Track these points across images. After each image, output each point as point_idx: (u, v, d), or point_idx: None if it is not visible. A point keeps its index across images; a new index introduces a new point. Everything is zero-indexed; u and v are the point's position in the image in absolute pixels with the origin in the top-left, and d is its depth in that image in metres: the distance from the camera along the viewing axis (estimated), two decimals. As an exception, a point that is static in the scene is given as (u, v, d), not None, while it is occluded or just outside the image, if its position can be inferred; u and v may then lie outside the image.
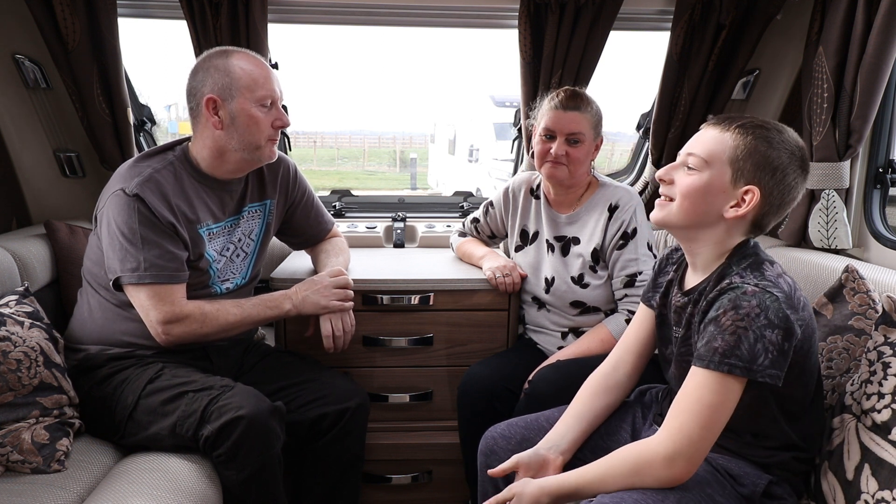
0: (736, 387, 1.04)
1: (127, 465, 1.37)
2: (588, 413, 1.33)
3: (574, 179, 1.71)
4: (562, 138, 1.66)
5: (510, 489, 1.18)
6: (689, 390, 1.06)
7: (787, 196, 1.12)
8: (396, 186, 16.43)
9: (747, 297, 1.03)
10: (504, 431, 1.37)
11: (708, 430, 1.03)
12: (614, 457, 1.11)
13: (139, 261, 1.43)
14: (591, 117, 1.67)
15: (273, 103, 1.54)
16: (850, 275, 1.41)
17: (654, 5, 2.13)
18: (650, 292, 1.37)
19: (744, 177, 1.10)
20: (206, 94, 1.50)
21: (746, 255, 1.14)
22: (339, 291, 1.65)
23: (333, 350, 1.64)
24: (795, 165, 1.11)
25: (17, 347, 1.37)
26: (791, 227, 1.86)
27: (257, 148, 1.54)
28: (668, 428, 1.06)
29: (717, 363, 1.03)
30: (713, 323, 1.06)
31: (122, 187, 1.45)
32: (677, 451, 1.03)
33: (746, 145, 1.10)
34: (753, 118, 1.13)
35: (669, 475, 1.04)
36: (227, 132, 1.52)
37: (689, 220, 1.15)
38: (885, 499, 1.07)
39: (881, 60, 1.59)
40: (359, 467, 1.67)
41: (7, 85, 1.95)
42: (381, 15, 2.16)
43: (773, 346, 1.02)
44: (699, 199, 1.13)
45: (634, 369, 1.37)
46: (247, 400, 1.35)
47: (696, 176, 1.13)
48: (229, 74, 1.49)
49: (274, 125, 1.55)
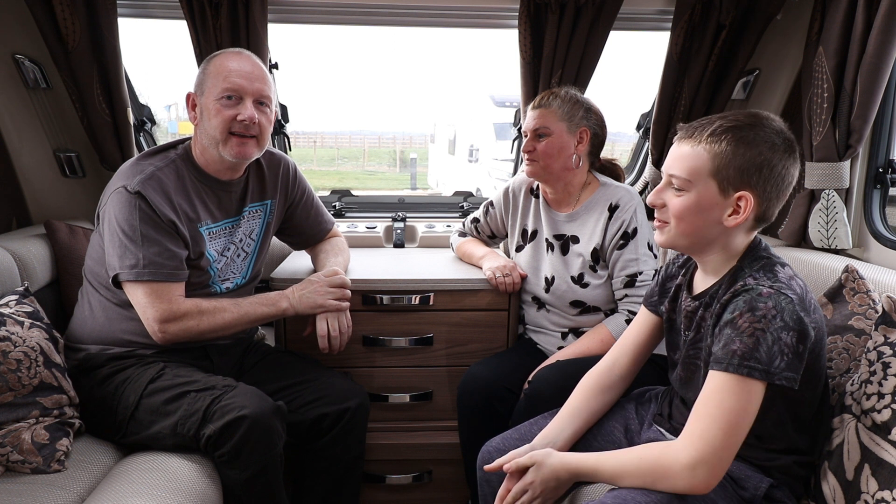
0: (757, 390, 1.01)
1: (127, 464, 1.37)
2: (584, 411, 1.33)
3: (552, 174, 1.72)
4: (530, 135, 1.71)
5: (531, 456, 1.18)
6: (709, 395, 1.03)
7: (781, 184, 1.09)
8: (396, 186, 16.42)
9: (763, 299, 1.02)
10: (499, 445, 1.37)
11: (730, 436, 1.00)
12: (634, 453, 1.10)
13: (138, 258, 1.43)
14: (557, 109, 1.69)
15: (240, 98, 1.49)
16: (850, 275, 1.41)
17: (654, 5, 2.13)
18: (656, 297, 1.36)
19: (731, 184, 1.08)
20: (189, 91, 1.54)
21: (758, 256, 1.13)
22: (337, 291, 1.65)
23: (329, 351, 1.64)
24: (780, 153, 1.08)
25: (17, 347, 1.37)
26: (791, 227, 1.86)
27: (218, 143, 1.51)
28: (689, 434, 1.03)
29: (737, 366, 1.01)
30: (730, 325, 1.04)
31: (124, 184, 1.45)
32: (699, 458, 1.00)
33: (723, 153, 1.07)
34: (723, 119, 1.10)
35: (689, 484, 1.01)
36: (200, 127, 1.54)
37: (690, 238, 1.14)
38: (885, 499, 1.06)
39: (881, 60, 1.59)
40: (359, 467, 1.67)
41: (7, 85, 1.95)
42: (381, 15, 2.16)
43: (788, 349, 1.00)
44: (693, 217, 1.11)
45: (629, 371, 1.37)
46: (249, 400, 1.35)
47: (683, 196, 1.11)
48: (206, 70, 1.52)
49: (237, 118, 1.48)
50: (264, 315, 1.59)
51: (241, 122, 1.49)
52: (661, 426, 1.31)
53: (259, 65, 1.55)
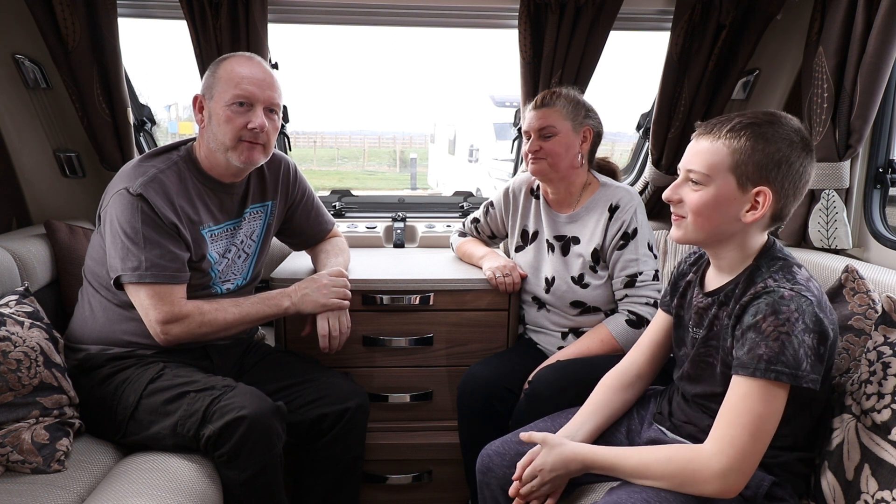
0: (782, 394, 1.01)
1: (127, 465, 1.37)
2: (605, 407, 1.34)
3: (558, 173, 1.72)
4: (535, 135, 1.71)
5: (545, 437, 1.19)
6: (736, 401, 1.03)
7: (799, 182, 1.10)
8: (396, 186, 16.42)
9: (785, 302, 1.02)
10: (499, 448, 1.37)
11: (759, 441, 1.01)
12: (660, 453, 1.10)
13: (140, 260, 1.43)
14: (561, 109, 1.69)
15: (251, 105, 1.50)
16: (850, 275, 1.41)
17: (654, 5, 2.13)
18: (668, 297, 1.36)
19: (750, 180, 1.08)
20: (196, 93, 1.54)
21: (776, 257, 1.13)
22: (338, 290, 1.65)
23: (329, 350, 1.64)
24: (798, 150, 1.08)
25: (17, 347, 1.37)
26: (791, 227, 1.86)
27: (227, 149, 1.51)
28: (719, 440, 1.03)
29: (764, 370, 1.01)
30: (753, 329, 1.04)
31: (126, 186, 1.45)
32: (731, 466, 1.00)
33: (743, 149, 1.08)
34: (742, 116, 1.11)
35: (721, 489, 1.02)
36: (207, 131, 1.54)
37: (707, 233, 1.14)
38: (885, 499, 1.06)
39: (881, 60, 1.59)
40: (359, 467, 1.67)
41: (7, 85, 1.95)
42: (381, 15, 2.16)
43: (811, 351, 1.01)
44: (711, 212, 1.11)
45: (648, 372, 1.38)
46: (249, 400, 1.35)
47: (702, 191, 1.11)
48: (215, 74, 1.51)
49: (248, 126, 1.49)
50: (266, 314, 1.59)
51: (251, 130, 1.50)
52: (662, 424, 1.31)
53: (270, 72, 1.55)
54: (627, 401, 1.37)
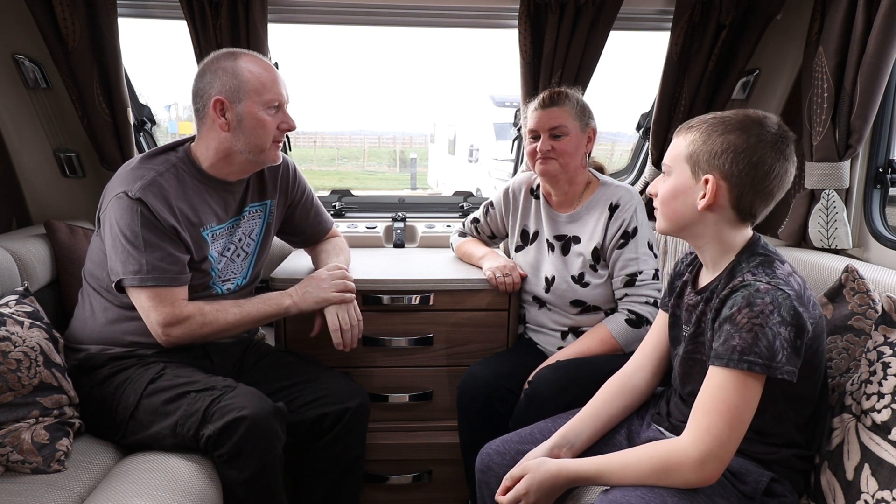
0: (756, 384, 1.04)
1: (127, 464, 1.37)
2: (605, 413, 1.34)
3: (568, 173, 1.72)
4: (545, 135, 1.69)
5: (523, 466, 1.20)
6: (712, 391, 1.05)
7: (756, 173, 1.10)
8: (396, 186, 16.42)
9: (760, 295, 1.04)
10: (499, 447, 1.37)
11: (735, 429, 1.03)
12: (638, 452, 1.11)
13: (141, 263, 1.43)
14: (571, 109, 1.69)
15: (280, 106, 1.55)
16: (850, 275, 1.41)
17: (654, 5, 2.13)
18: (667, 297, 1.37)
19: (700, 168, 1.13)
20: (213, 96, 1.50)
21: (756, 253, 1.15)
22: (338, 283, 1.65)
23: (344, 347, 1.63)
24: (755, 141, 1.09)
25: (17, 347, 1.37)
26: (791, 227, 1.86)
27: (262, 150, 1.55)
28: (696, 430, 1.05)
29: (737, 361, 1.03)
30: (728, 321, 1.06)
31: (124, 190, 1.45)
32: (708, 453, 1.03)
33: (697, 140, 1.14)
34: (713, 115, 1.16)
35: (700, 477, 1.04)
36: (234, 134, 1.52)
37: (671, 222, 1.20)
38: (884, 499, 1.07)
39: (881, 60, 1.59)
40: (359, 467, 1.67)
41: (7, 85, 1.95)
42: (381, 15, 2.16)
43: (787, 343, 1.03)
44: (672, 201, 1.18)
45: (653, 375, 1.38)
46: (249, 400, 1.35)
47: (666, 182, 1.19)
48: (238, 77, 1.49)
49: (280, 128, 1.55)
50: (267, 314, 1.59)
51: (282, 130, 1.56)
52: (660, 425, 1.31)
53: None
54: (628, 407, 1.36)
